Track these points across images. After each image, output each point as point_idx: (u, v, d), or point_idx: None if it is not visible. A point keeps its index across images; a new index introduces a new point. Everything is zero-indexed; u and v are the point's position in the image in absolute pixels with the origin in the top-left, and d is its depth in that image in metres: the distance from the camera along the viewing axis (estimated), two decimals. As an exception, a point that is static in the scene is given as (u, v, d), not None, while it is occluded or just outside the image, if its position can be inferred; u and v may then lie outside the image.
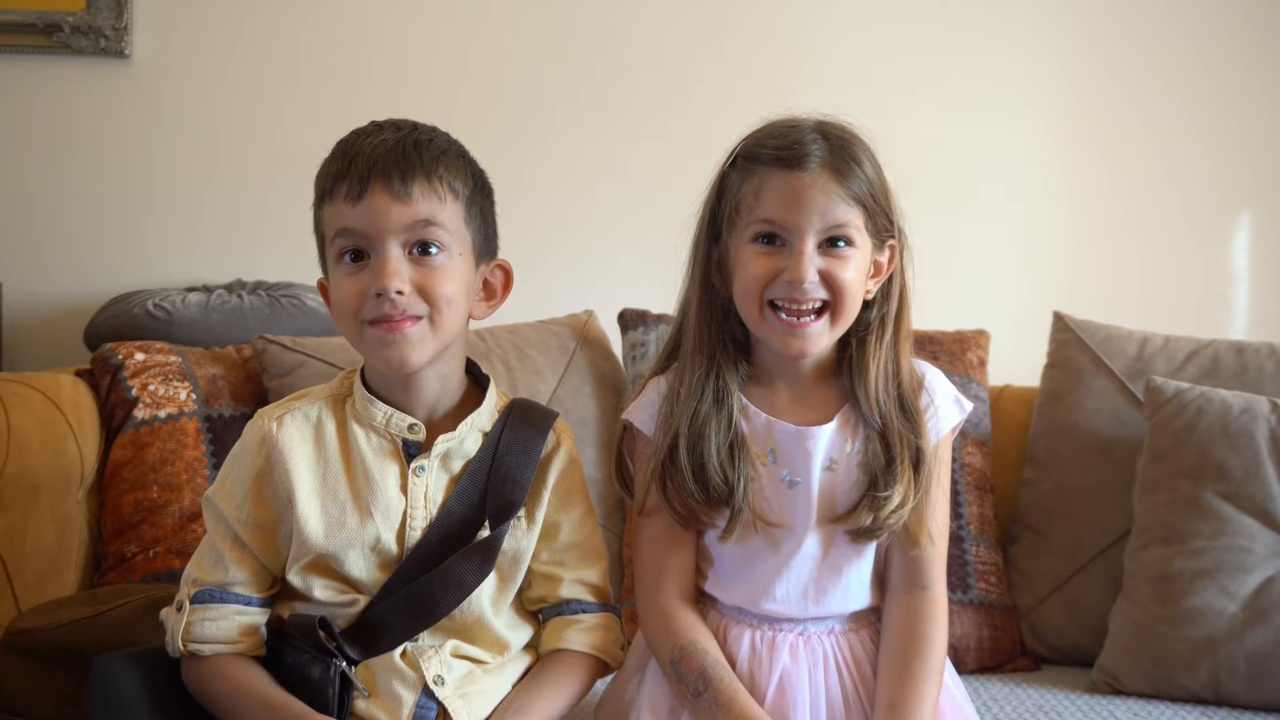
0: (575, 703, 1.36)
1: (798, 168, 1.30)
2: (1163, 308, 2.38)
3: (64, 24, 2.26)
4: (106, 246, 2.29)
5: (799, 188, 1.30)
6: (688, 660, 1.33)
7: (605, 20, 2.37)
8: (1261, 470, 1.74)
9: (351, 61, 2.33)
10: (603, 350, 2.08)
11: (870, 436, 1.35)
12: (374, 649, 1.28)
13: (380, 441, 1.32)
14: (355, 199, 1.25)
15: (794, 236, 1.30)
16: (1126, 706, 1.68)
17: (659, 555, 1.39)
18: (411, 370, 1.29)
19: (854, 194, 1.31)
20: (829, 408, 1.37)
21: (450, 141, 1.33)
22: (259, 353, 1.93)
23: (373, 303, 1.25)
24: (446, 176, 1.28)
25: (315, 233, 1.33)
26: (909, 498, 1.33)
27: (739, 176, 1.35)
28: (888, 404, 1.35)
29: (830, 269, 1.31)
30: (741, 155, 1.36)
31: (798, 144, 1.32)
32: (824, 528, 1.35)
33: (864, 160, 1.33)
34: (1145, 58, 2.42)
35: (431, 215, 1.26)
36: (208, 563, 1.31)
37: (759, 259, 1.32)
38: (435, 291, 1.26)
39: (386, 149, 1.26)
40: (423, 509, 1.31)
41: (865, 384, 1.35)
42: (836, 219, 1.30)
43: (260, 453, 1.31)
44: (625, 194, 2.37)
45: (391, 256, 1.25)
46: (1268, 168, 2.43)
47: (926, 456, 1.35)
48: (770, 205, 1.31)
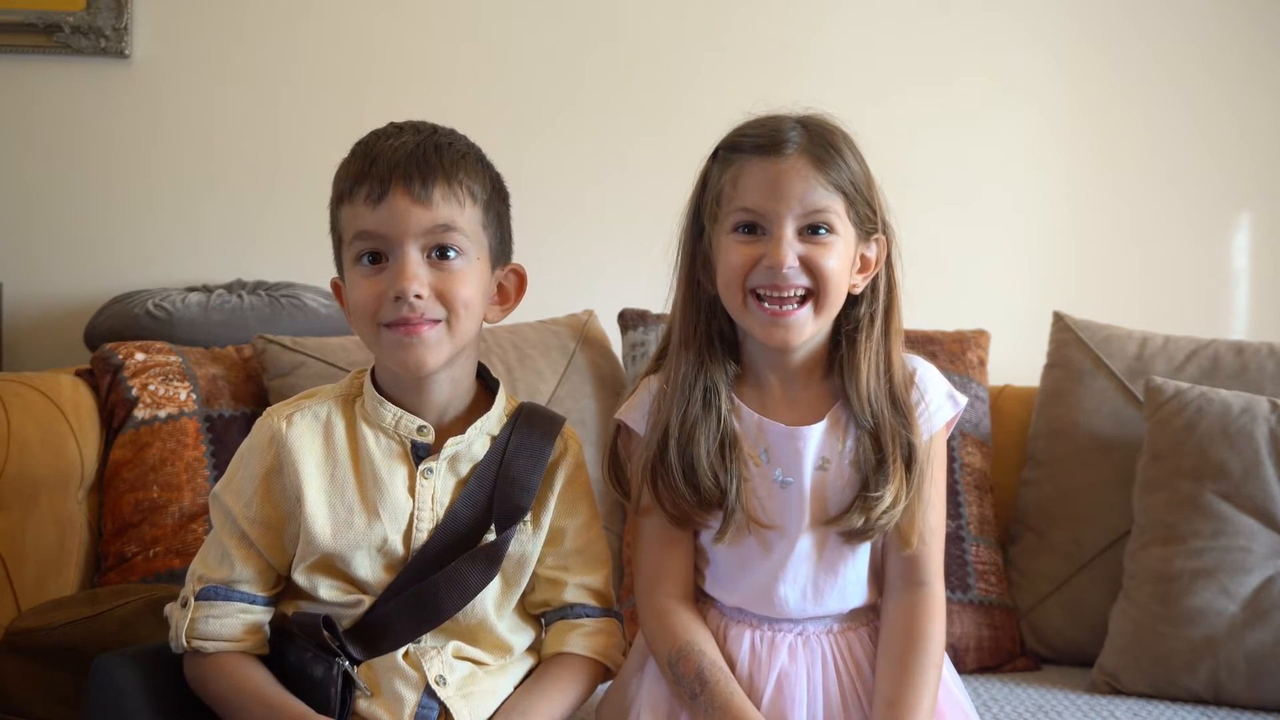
0: (576, 706, 1.36)
1: (775, 154, 1.30)
2: (1163, 308, 2.38)
3: (64, 24, 2.26)
4: (106, 246, 2.29)
5: (776, 173, 1.30)
6: (685, 661, 1.33)
7: (605, 18, 2.37)
8: (1261, 470, 1.74)
9: (350, 61, 2.33)
10: (603, 350, 2.08)
11: (862, 435, 1.34)
12: (377, 649, 1.28)
13: (389, 443, 1.32)
14: (376, 201, 1.25)
15: (773, 223, 1.30)
16: (1126, 706, 1.68)
17: (656, 555, 1.39)
18: (427, 373, 1.29)
19: (834, 181, 1.30)
20: (820, 406, 1.37)
21: (469, 145, 1.33)
22: (259, 353, 1.93)
23: (391, 305, 1.25)
24: (466, 181, 1.28)
25: (331, 232, 1.33)
26: (900, 497, 1.32)
27: (719, 168, 1.35)
28: (879, 401, 1.34)
29: (811, 255, 1.29)
30: (722, 147, 1.36)
31: (776, 131, 1.32)
32: (817, 529, 1.35)
33: (845, 150, 1.33)
34: (1145, 58, 2.42)
35: (451, 220, 1.26)
36: (213, 560, 1.32)
37: (739, 248, 1.31)
38: (453, 295, 1.26)
39: (407, 152, 1.26)
40: (430, 511, 1.31)
41: (856, 382, 1.34)
42: (815, 204, 1.29)
43: (269, 451, 1.31)
44: (625, 193, 2.37)
45: (411, 260, 1.25)
46: (1268, 168, 2.43)
47: (919, 454, 1.34)
48: (748, 193, 1.31)
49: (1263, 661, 1.68)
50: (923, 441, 1.35)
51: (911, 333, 2.08)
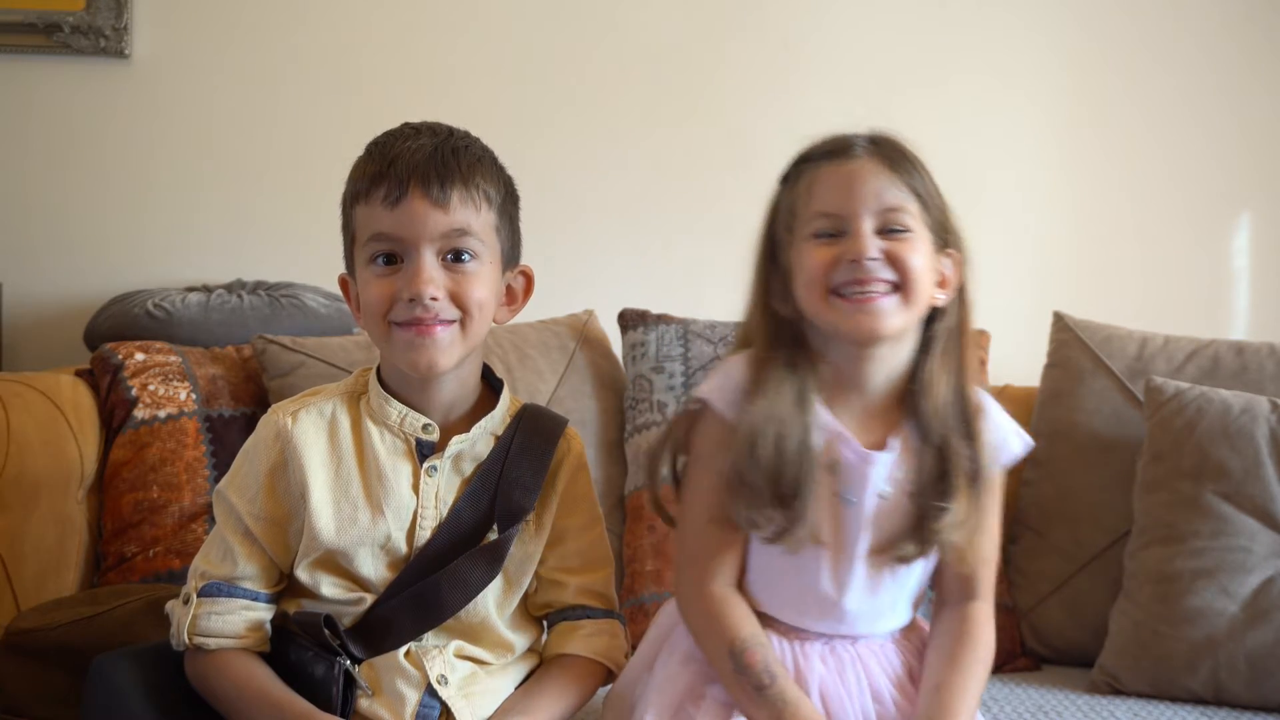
0: (577, 707, 1.36)
1: (846, 156, 1.29)
2: (1163, 308, 2.37)
3: (64, 24, 2.26)
4: (106, 246, 2.29)
5: (849, 173, 1.28)
6: (750, 653, 1.28)
7: (605, 18, 2.37)
8: (1261, 470, 1.74)
9: (350, 61, 2.33)
10: (603, 350, 2.08)
11: (926, 456, 1.31)
12: (379, 648, 1.29)
13: (394, 440, 1.32)
14: (393, 203, 1.25)
15: (850, 221, 1.27)
16: (1126, 706, 1.68)
17: (713, 540, 1.33)
18: (439, 374, 1.29)
19: (907, 183, 1.29)
20: (890, 430, 1.33)
21: (484, 148, 1.33)
22: (259, 353, 1.93)
23: (404, 306, 1.26)
24: (483, 185, 1.29)
25: (344, 230, 1.33)
26: (967, 515, 1.29)
27: (789, 186, 1.34)
28: (951, 420, 1.31)
29: (894, 250, 1.27)
30: (791, 165, 1.35)
31: (844, 139, 1.31)
32: (873, 552, 1.32)
33: (915, 161, 1.32)
34: (1146, 58, 2.42)
35: (467, 224, 1.27)
36: (216, 556, 1.32)
37: (819, 249, 1.28)
38: (467, 298, 1.27)
39: (426, 154, 1.26)
40: (433, 509, 1.31)
41: (931, 396, 1.31)
42: (891, 202, 1.28)
43: (275, 447, 1.31)
44: (625, 193, 2.37)
45: (426, 263, 1.25)
46: (1268, 168, 2.43)
47: (985, 475, 1.31)
48: (823, 197, 1.29)
49: (1263, 661, 1.68)
50: (990, 467, 1.32)
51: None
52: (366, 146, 1.31)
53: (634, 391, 2.00)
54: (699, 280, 2.35)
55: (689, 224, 2.37)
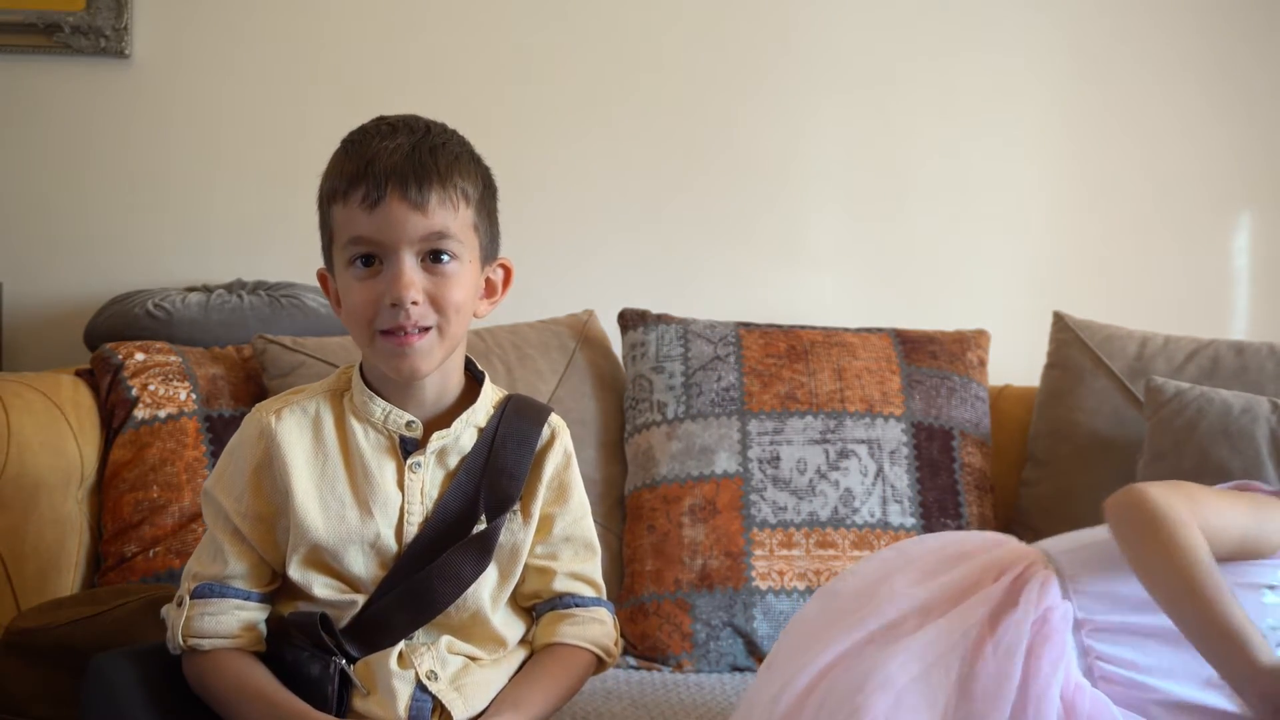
0: (569, 696, 1.36)
1: None
2: (1163, 308, 2.38)
3: (64, 24, 2.26)
4: (106, 246, 2.29)
5: None
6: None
7: (605, 18, 2.37)
8: (1262, 470, 1.74)
9: (351, 61, 2.33)
10: (603, 350, 2.08)
11: None
12: (374, 646, 1.29)
13: (378, 437, 1.33)
14: (371, 206, 1.24)
15: None
16: (1126, 706, 1.68)
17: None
18: (421, 379, 1.30)
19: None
20: None
21: (461, 143, 1.32)
22: (259, 353, 1.93)
23: (387, 312, 1.25)
24: (461, 183, 1.28)
25: (321, 228, 1.33)
26: None
27: None
28: None
29: None
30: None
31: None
32: None
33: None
34: (1146, 57, 2.42)
35: (445, 227, 1.26)
36: (207, 556, 1.32)
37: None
38: (445, 300, 1.27)
39: (403, 155, 1.25)
40: (419, 504, 1.31)
41: None
42: None
43: (259, 445, 1.31)
44: (625, 193, 2.37)
45: (406, 267, 1.25)
46: (1268, 168, 2.43)
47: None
48: None
49: (1263, 661, 1.68)
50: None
51: (912, 333, 2.09)
52: (342, 142, 1.30)
53: (634, 391, 2.00)
54: (699, 280, 2.35)
55: (689, 224, 2.37)
